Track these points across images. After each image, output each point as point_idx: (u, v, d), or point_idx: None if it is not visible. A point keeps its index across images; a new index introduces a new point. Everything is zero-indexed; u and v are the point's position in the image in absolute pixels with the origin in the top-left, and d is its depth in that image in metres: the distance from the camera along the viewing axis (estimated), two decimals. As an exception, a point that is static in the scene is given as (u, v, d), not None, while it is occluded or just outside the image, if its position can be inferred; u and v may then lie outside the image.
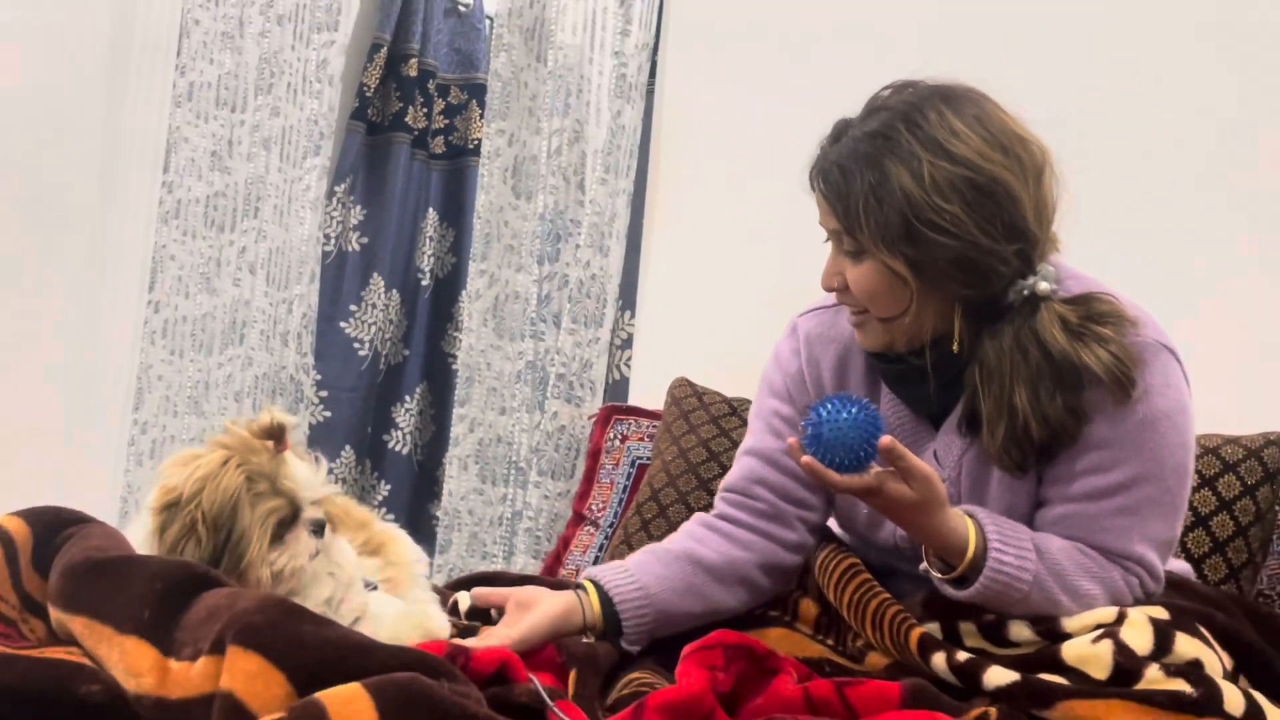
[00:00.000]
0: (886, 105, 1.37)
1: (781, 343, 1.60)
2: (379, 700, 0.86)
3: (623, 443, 2.50)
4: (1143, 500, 1.34)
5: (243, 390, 2.92)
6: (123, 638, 1.03)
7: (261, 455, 1.30)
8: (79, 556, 1.10)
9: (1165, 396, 1.34)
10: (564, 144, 2.80)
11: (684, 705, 1.12)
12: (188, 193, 2.98)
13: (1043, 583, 1.29)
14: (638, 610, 1.45)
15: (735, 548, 1.50)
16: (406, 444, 3.31)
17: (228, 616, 0.99)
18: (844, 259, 1.38)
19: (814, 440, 1.27)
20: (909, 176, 1.30)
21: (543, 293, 2.79)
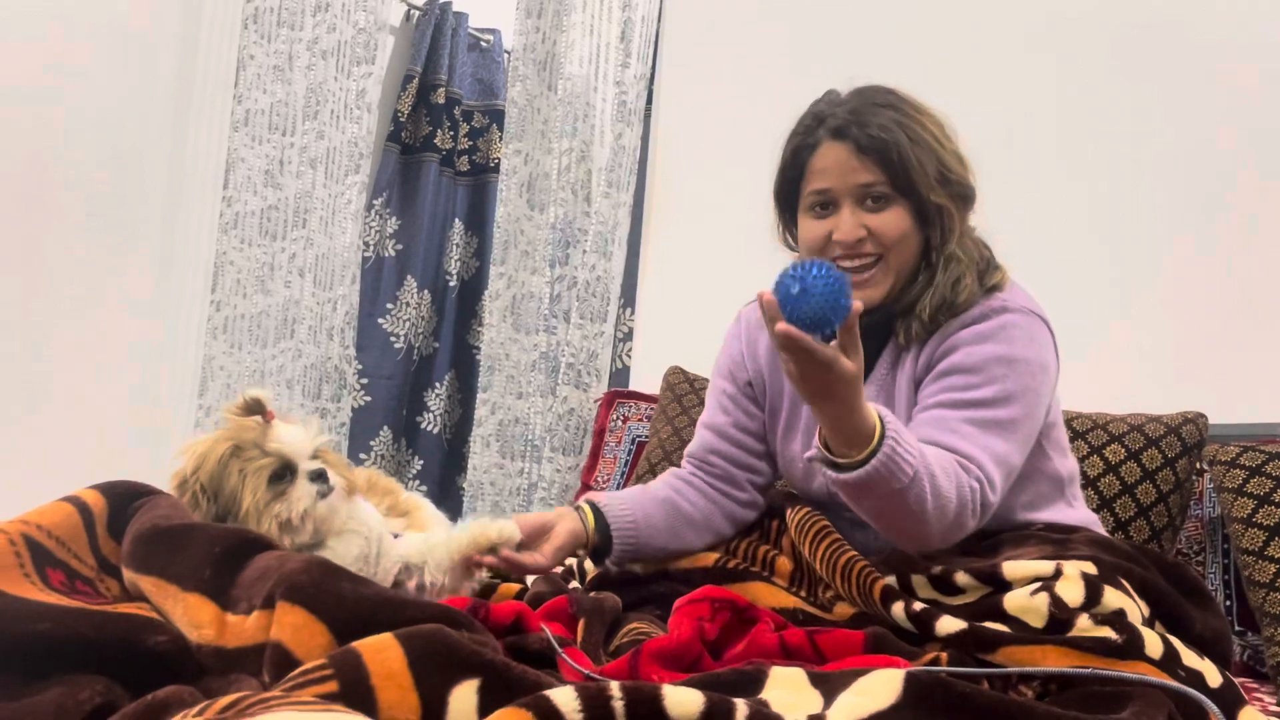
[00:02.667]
0: (844, 100, 1.42)
1: (729, 330, 1.63)
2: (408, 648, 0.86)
3: (624, 423, 2.50)
4: (990, 420, 1.35)
5: (294, 378, 2.92)
6: (186, 594, 1.03)
7: (250, 430, 1.30)
8: (148, 524, 1.10)
9: (1027, 347, 1.38)
10: (572, 162, 2.80)
11: (675, 651, 1.12)
12: (245, 206, 2.97)
13: (919, 480, 1.25)
14: (626, 538, 1.49)
15: (705, 501, 1.56)
16: (437, 424, 3.31)
17: (277, 576, 0.99)
18: (862, 213, 1.39)
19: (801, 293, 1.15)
20: (923, 130, 1.37)
21: (554, 292, 2.79)
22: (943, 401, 1.37)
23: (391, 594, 1.00)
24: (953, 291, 1.40)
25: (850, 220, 1.38)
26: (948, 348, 1.39)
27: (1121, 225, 2.21)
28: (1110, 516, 1.80)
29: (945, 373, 1.39)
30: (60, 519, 1.10)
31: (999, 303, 1.39)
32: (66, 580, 1.08)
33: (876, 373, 1.47)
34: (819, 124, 1.40)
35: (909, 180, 1.36)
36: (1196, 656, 1.19)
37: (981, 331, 1.38)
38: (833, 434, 1.29)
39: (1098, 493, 1.82)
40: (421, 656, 0.85)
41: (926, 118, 1.40)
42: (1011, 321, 1.38)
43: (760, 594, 1.42)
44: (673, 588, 1.45)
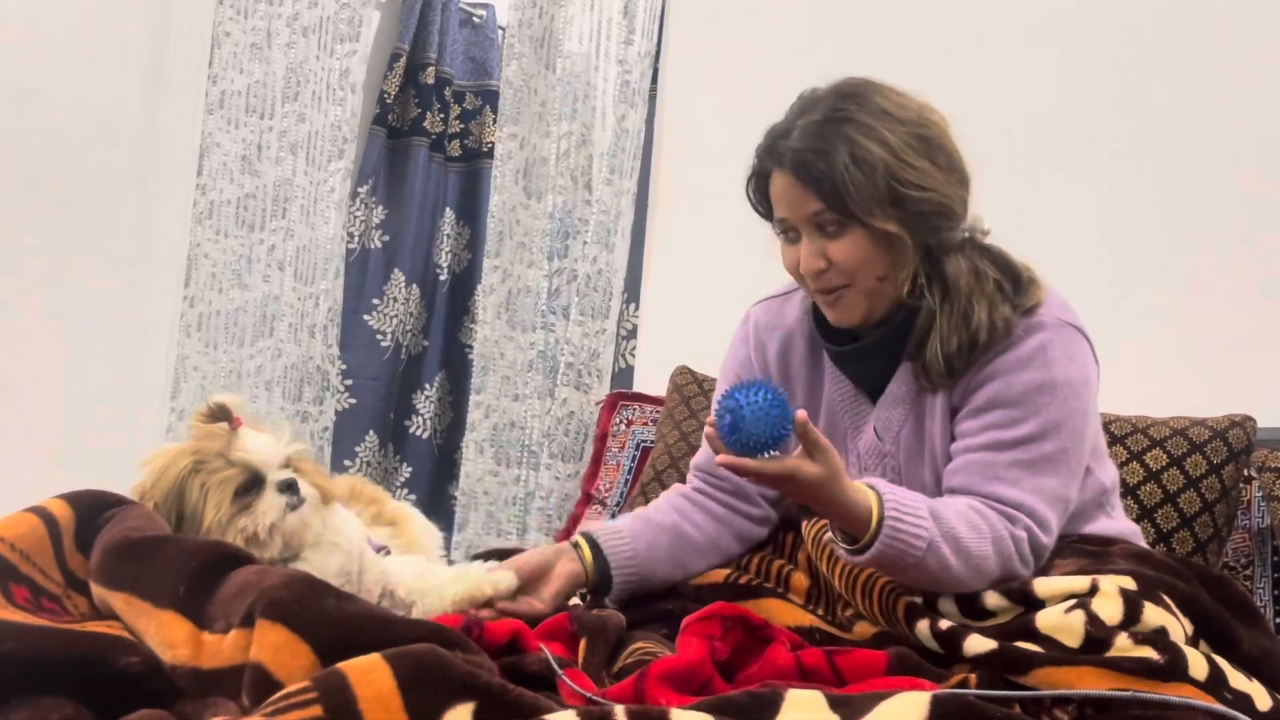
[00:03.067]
0: (819, 99, 1.40)
1: (737, 331, 1.64)
2: (397, 669, 0.86)
3: (628, 427, 2.50)
4: (1038, 456, 1.35)
5: (273, 379, 2.92)
6: (160, 612, 1.03)
7: (215, 439, 1.30)
8: (118, 536, 1.11)
9: (1066, 367, 1.37)
10: (572, 147, 2.80)
11: (684, 673, 1.13)
12: (220, 194, 2.98)
13: (937, 548, 1.28)
14: (628, 575, 1.50)
15: (714, 522, 1.56)
16: (426, 429, 3.31)
17: (256, 592, 1.00)
18: (821, 241, 1.38)
19: (735, 425, 1.23)
20: (877, 145, 1.33)
21: (553, 287, 2.79)
22: (986, 444, 1.37)
23: (380, 611, 1.01)
24: (967, 331, 1.37)
25: (809, 250, 1.39)
26: (985, 376, 1.38)
27: (1161, 216, 2.21)
28: (1151, 527, 1.80)
29: (985, 408, 1.38)
30: (24, 531, 1.11)
31: (1035, 320, 1.38)
32: (31, 597, 1.09)
33: (897, 390, 1.45)
34: (770, 151, 1.41)
35: (846, 208, 1.33)
36: (1244, 678, 1.19)
37: (1020, 357, 1.37)
38: (831, 521, 1.33)
39: (1137, 502, 1.82)
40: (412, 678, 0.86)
41: (888, 125, 1.34)
42: (1047, 341, 1.37)
43: (775, 612, 1.43)
44: (681, 605, 1.46)
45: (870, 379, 1.47)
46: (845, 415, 1.50)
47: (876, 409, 1.47)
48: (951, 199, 1.37)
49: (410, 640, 0.94)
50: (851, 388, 1.49)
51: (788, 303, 1.56)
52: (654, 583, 1.53)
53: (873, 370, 1.46)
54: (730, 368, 1.62)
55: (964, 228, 1.41)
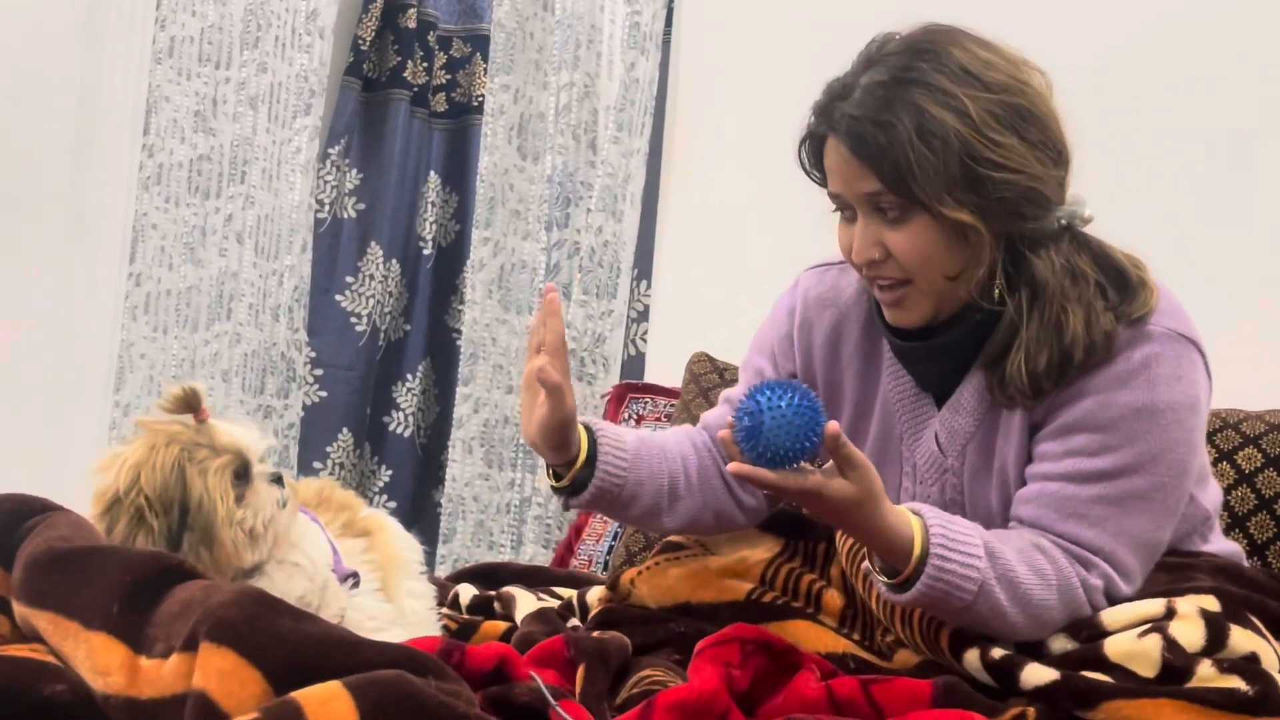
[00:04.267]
0: (887, 53, 1.34)
1: (782, 297, 1.61)
2: (360, 699, 0.87)
3: (638, 423, 2.50)
4: (1128, 493, 1.32)
5: (231, 369, 2.93)
6: (90, 634, 1.04)
7: (186, 431, 1.33)
8: (43, 547, 1.11)
9: (1172, 389, 1.32)
10: (573, 100, 2.79)
11: (696, 705, 1.13)
12: (169, 156, 2.99)
13: (989, 592, 1.26)
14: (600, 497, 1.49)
15: (702, 491, 1.55)
16: (408, 426, 3.32)
17: (201, 611, 1.00)
18: (879, 226, 1.34)
19: (752, 432, 1.22)
20: (953, 115, 1.27)
21: (551, 261, 2.79)
22: (1068, 473, 1.33)
23: (343, 633, 1.01)
24: (1059, 346, 1.32)
25: (864, 236, 1.35)
26: (1076, 393, 1.34)
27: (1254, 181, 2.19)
28: (1243, 537, 1.79)
29: (1071, 429, 1.34)
30: (-64, 541, 1.12)
31: (1141, 330, 1.33)
32: (-56, 616, 1.09)
33: (967, 397, 1.42)
34: (825, 114, 1.37)
35: (909, 190, 1.29)
36: (1350, 713, 1.18)
37: (1119, 374, 1.33)
38: (867, 548, 1.32)
39: (1227, 508, 1.81)
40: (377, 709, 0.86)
41: (969, 89, 1.29)
42: (1153, 357, 1.32)
43: (803, 635, 1.43)
44: (694, 626, 1.46)
45: (936, 380, 1.45)
46: (903, 418, 1.47)
47: (941, 414, 1.44)
48: (1043, 181, 1.31)
49: (377, 666, 0.94)
50: (913, 386, 1.46)
51: (845, 274, 1.52)
52: (619, 512, 1.54)
53: (941, 371, 1.43)
54: (767, 339, 1.60)
55: (1059, 215, 1.35)
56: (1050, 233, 1.35)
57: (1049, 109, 1.34)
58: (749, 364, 1.63)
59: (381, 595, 1.55)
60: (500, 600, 1.78)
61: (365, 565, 1.56)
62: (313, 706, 0.86)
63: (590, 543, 2.41)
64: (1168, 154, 2.25)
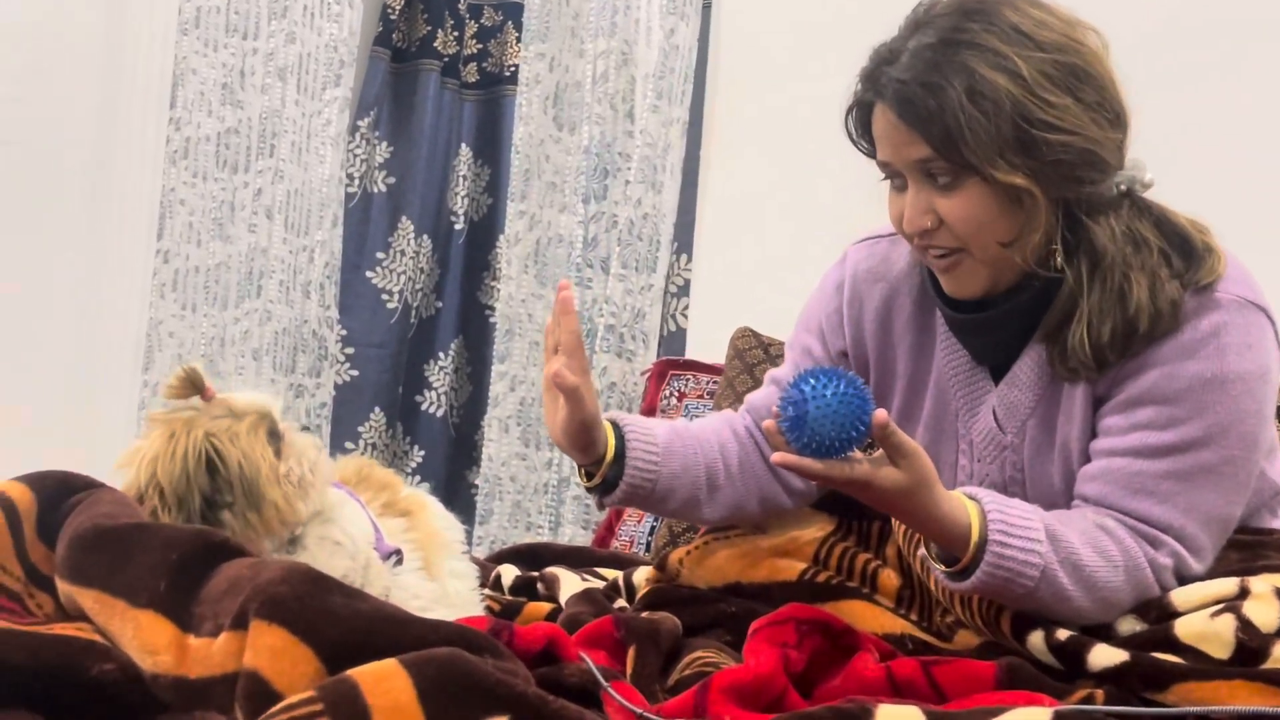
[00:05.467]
0: (936, 15, 1.33)
1: (829, 272, 1.60)
2: (417, 677, 0.87)
3: (680, 400, 2.50)
4: (1198, 467, 1.31)
5: (261, 347, 2.95)
6: (137, 612, 1.05)
7: (200, 411, 1.34)
8: (87, 524, 1.12)
9: (1242, 358, 1.31)
10: (610, 68, 2.79)
11: (753, 686, 1.13)
12: (196, 130, 3.00)
13: (1053, 576, 1.25)
14: (632, 495, 1.49)
15: (745, 477, 1.55)
16: (441, 405, 3.33)
17: (250, 588, 1.01)
18: (931, 193, 1.33)
19: (797, 422, 1.22)
20: (1005, 76, 1.27)
21: (589, 235, 2.79)
22: (1134, 448, 1.33)
23: (394, 610, 1.02)
24: (1123, 316, 1.31)
25: (915, 204, 1.34)
26: (1141, 364, 1.33)
27: None
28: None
29: (1136, 402, 1.33)
30: (-21, 518, 1.13)
31: (1208, 298, 1.32)
32: (-11, 594, 1.11)
33: (1027, 371, 1.41)
34: (871, 79, 1.35)
35: (960, 155, 1.28)
36: None
37: (1185, 344, 1.31)
38: (922, 536, 1.32)
39: (1297, 486, 1.79)
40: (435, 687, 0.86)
41: (1021, 49, 1.28)
42: (1222, 325, 1.31)
43: (860, 615, 1.43)
44: (747, 606, 1.46)
45: (994, 354, 1.44)
46: (958, 393, 1.47)
47: (999, 389, 1.43)
48: (1100, 144, 1.30)
49: (431, 644, 0.95)
50: (968, 361, 1.46)
51: (895, 246, 1.51)
52: (654, 507, 1.55)
53: (998, 344, 1.42)
54: (814, 316, 1.59)
55: (1118, 180, 1.34)
56: (1109, 199, 1.34)
57: (1105, 69, 1.33)
58: (796, 342, 1.62)
59: (424, 574, 1.56)
60: (544, 581, 1.79)
61: (407, 545, 1.57)
62: (369, 684, 0.87)
63: (631, 523, 2.41)
64: (1229, 114, 2.23)
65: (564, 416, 1.41)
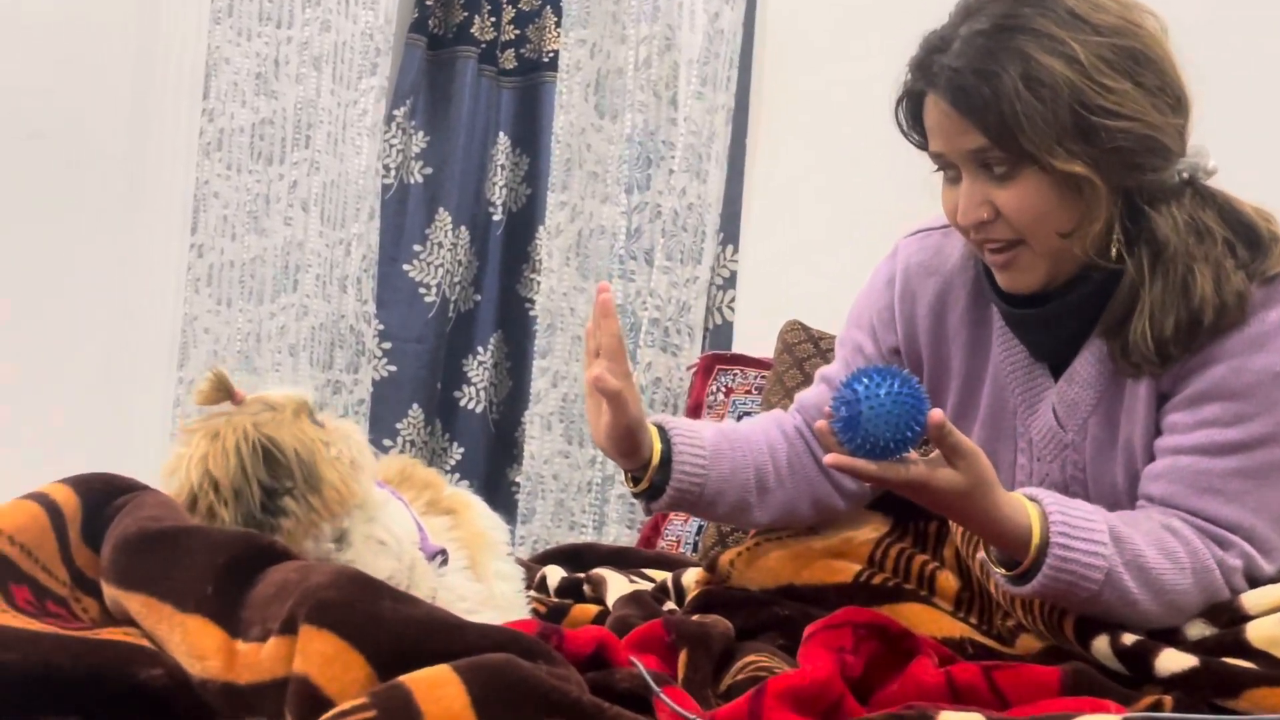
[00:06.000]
0: (964, 20, 1.33)
1: (880, 266, 1.60)
2: (471, 683, 0.88)
3: (727, 396, 2.51)
4: (1267, 464, 1.31)
5: (298, 343, 2.98)
6: (184, 616, 1.06)
7: (239, 411, 1.36)
8: (133, 528, 1.14)
9: None
10: (653, 54, 2.79)
11: (809, 691, 1.13)
12: (230, 121, 3.03)
13: (1117, 579, 1.25)
14: (679, 500, 1.50)
15: (795, 479, 1.56)
16: (480, 401, 3.35)
17: (299, 593, 1.02)
18: (986, 184, 1.33)
19: (850, 423, 1.22)
20: (1062, 62, 1.27)
21: (632, 226, 2.80)
22: (1200, 445, 1.32)
23: (445, 615, 1.03)
24: (1187, 308, 1.31)
25: (970, 196, 1.35)
26: (1206, 359, 1.33)
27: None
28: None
29: (1202, 398, 1.33)
30: (25, 522, 1.15)
31: (1277, 289, 1.31)
32: (35, 599, 1.13)
33: (1087, 367, 1.41)
34: (922, 68, 1.35)
35: (1017, 144, 1.29)
36: None
37: (1253, 337, 1.31)
38: (983, 539, 1.32)
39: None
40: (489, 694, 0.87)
41: (1077, 34, 1.28)
42: None
43: (917, 619, 1.43)
44: (801, 609, 1.47)
45: (1052, 349, 1.44)
46: (1016, 390, 1.47)
47: (1058, 386, 1.43)
48: (1161, 129, 1.30)
49: (483, 650, 0.96)
50: (1026, 357, 1.46)
51: (949, 239, 1.52)
52: (702, 512, 1.57)
53: (1057, 340, 1.42)
54: (865, 312, 1.60)
55: (1180, 167, 1.34)
56: (1170, 187, 1.33)
57: (1164, 52, 1.33)
58: (846, 339, 1.63)
59: (470, 575, 1.58)
60: (590, 582, 1.80)
61: (451, 545, 1.58)
62: (422, 691, 0.88)
63: (678, 523, 2.42)
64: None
65: (607, 421, 1.42)
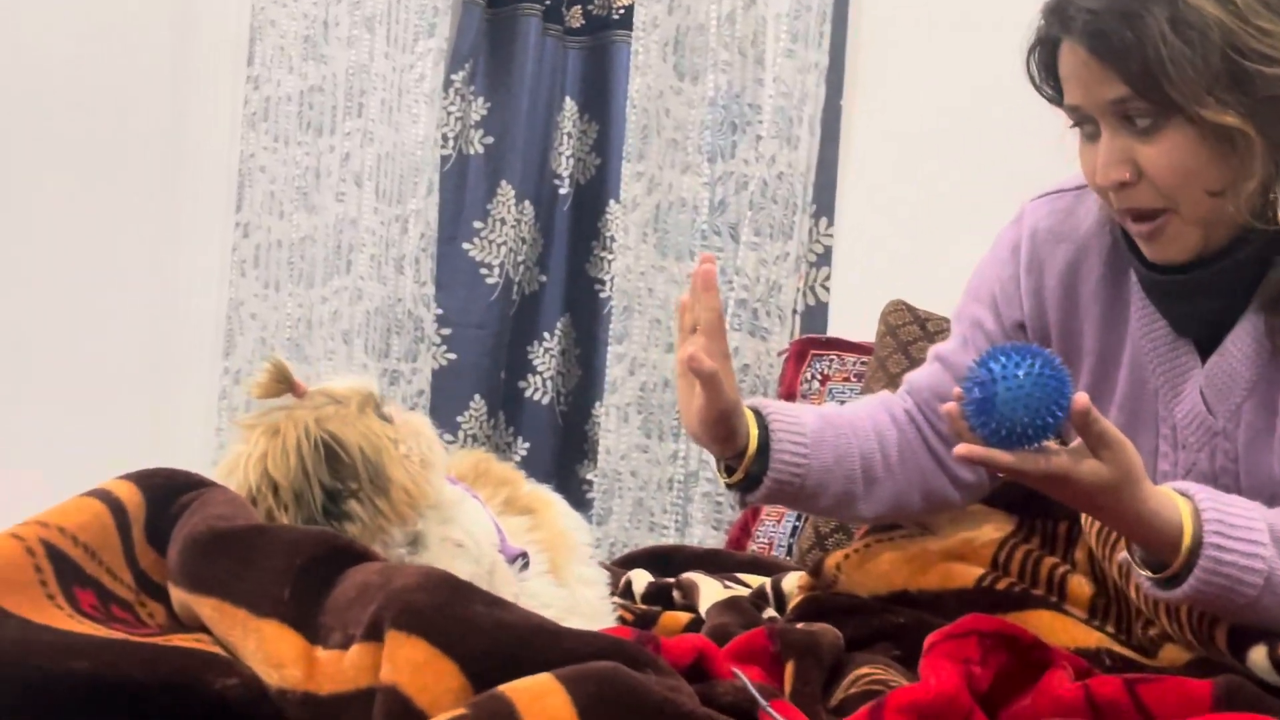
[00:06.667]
0: None
1: (1003, 233, 1.59)
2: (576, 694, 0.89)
3: (823, 384, 2.50)
4: None
5: (351, 329, 3.00)
6: (260, 622, 1.08)
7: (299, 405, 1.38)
8: (202, 527, 1.16)
9: None
10: (738, 8, 2.79)
11: (935, 706, 1.13)
12: (277, 89, 3.06)
13: (1278, 583, 1.24)
14: (777, 491, 1.50)
15: (907, 470, 1.54)
16: (546, 392, 3.36)
17: (383, 596, 1.03)
18: (1129, 140, 1.33)
19: (984, 406, 1.21)
20: (1213, 3, 1.26)
21: (716, 198, 2.80)
22: None
23: (541, 620, 1.04)
24: None
25: (1110, 153, 1.33)
26: None
27: None
28: None
29: None
30: (87, 520, 1.17)
31: None
32: (99, 603, 1.15)
33: (1240, 346, 1.39)
34: (1057, 12, 1.34)
35: (1163, 93, 1.28)
36: None
37: None
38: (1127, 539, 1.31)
39: None
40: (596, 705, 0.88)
41: None
42: None
43: (1048, 627, 1.42)
44: (916, 617, 1.47)
45: (1200, 324, 1.42)
46: (1158, 370, 1.45)
47: (1206, 366, 1.41)
48: None
49: (584, 658, 0.97)
50: (1168, 332, 1.44)
51: (1081, 201, 1.50)
52: (803, 505, 1.57)
53: (1206, 312, 1.40)
54: (985, 284, 1.58)
55: None
56: None
57: None
58: (963, 314, 1.61)
59: (551, 580, 1.59)
60: (680, 588, 1.81)
61: (531, 547, 1.59)
62: (525, 702, 0.89)
63: (770, 523, 2.42)
64: None
65: (700, 405, 1.42)
